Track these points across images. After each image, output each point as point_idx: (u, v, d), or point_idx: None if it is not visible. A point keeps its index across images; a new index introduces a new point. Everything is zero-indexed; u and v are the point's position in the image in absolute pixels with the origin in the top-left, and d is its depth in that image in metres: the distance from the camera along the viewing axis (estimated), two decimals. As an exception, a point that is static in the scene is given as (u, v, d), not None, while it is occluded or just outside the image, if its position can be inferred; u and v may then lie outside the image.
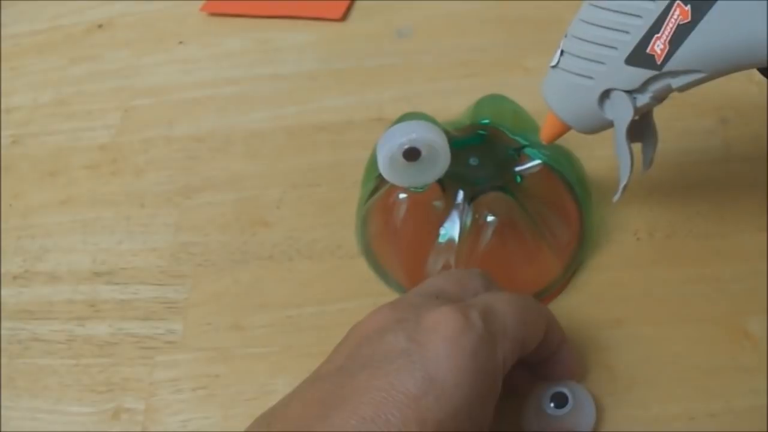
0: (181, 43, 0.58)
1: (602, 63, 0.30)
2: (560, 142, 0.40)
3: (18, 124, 0.55)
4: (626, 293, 0.39)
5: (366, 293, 0.41)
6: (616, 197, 0.34)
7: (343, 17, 0.57)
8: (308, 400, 0.28)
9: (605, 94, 0.31)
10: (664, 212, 0.42)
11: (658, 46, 0.28)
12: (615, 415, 0.35)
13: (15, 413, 0.40)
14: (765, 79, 0.31)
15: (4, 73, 0.59)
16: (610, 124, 0.32)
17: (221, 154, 0.50)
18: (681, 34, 0.27)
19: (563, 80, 0.32)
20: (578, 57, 0.31)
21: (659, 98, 0.31)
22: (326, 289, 0.42)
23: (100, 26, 0.61)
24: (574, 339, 0.37)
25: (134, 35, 0.60)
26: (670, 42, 0.28)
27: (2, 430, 0.39)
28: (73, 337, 0.42)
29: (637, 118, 0.32)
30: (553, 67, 0.32)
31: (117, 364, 0.41)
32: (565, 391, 0.33)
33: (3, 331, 0.43)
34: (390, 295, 0.39)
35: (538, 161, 0.38)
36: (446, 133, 0.35)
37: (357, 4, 0.58)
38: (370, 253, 0.41)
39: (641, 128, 0.34)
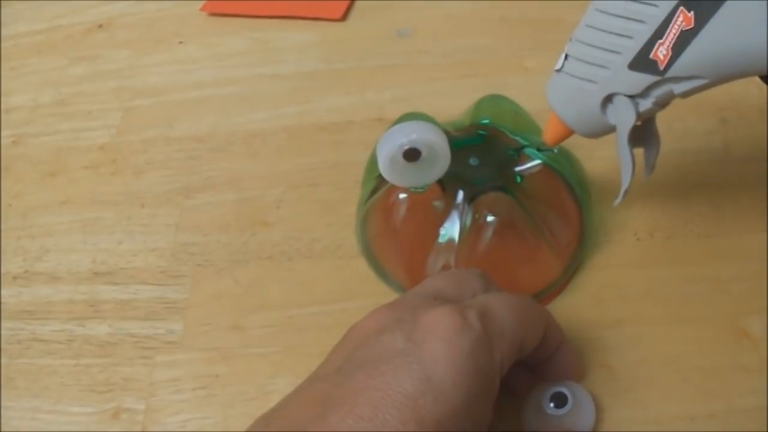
0: (181, 43, 0.58)
1: (606, 68, 0.30)
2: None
3: (18, 124, 0.55)
4: (626, 293, 0.39)
5: (366, 293, 0.41)
6: (617, 201, 0.34)
7: (343, 17, 0.57)
8: (306, 400, 0.28)
9: (608, 99, 0.31)
10: (664, 212, 0.42)
11: (661, 51, 0.28)
12: (615, 415, 0.35)
13: (15, 413, 0.39)
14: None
15: (4, 73, 0.59)
16: (612, 129, 0.32)
17: (221, 154, 0.50)
18: (684, 40, 0.28)
19: (567, 84, 0.32)
20: (582, 61, 0.31)
21: (661, 104, 0.31)
22: (326, 289, 0.42)
23: (100, 26, 0.61)
24: (573, 339, 0.37)
25: (134, 35, 0.60)
26: (673, 48, 0.28)
27: (2, 430, 0.39)
28: (73, 337, 0.42)
29: (639, 123, 0.32)
30: (558, 71, 0.33)
31: (117, 364, 0.41)
32: (565, 391, 0.33)
33: (3, 331, 0.43)
34: (390, 295, 0.39)
35: (538, 161, 0.38)
36: (446, 133, 0.35)
37: (357, 4, 0.58)
38: (370, 253, 0.41)
39: (643, 134, 0.34)
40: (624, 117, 0.31)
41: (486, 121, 0.40)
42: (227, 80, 0.55)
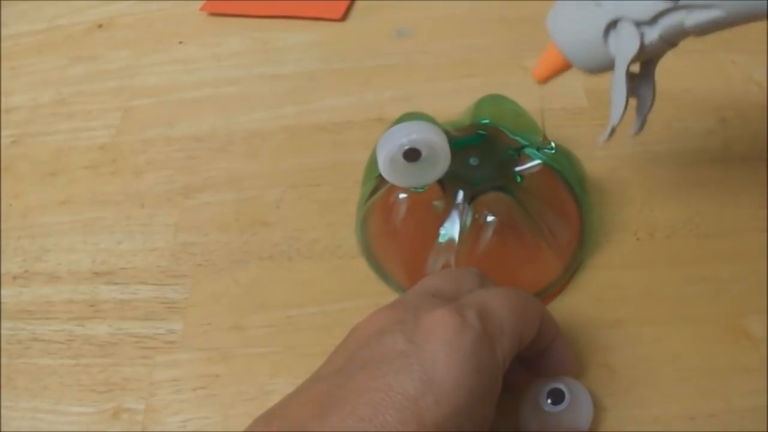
0: (181, 43, 0.58)
1: None
2: (561, 141, 0.40)
3: (18, 124, 0.55)
4: (626, 293, 0.39)
5: (366, 293, 0.41)
6: (602, 138, 0.32)
7: (343, 17, 0.57)
8: (307, 400, 0.28)
9: (612, 25, 0.30)
10: (664, 212, 0.42)
11: None
12: (615, 415, 0.35)
13: (15, 413, 0.39)
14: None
15: (4, 73, 0.59)
16: (610, 64, 0.31)
17: (221, 154, 0.50)
18: None
19: (571, 7, 0.31)
20: None
21: (668, 40, 0.29)
22: (326, 289, 0.42)
23: (100, 26, 0.61)
24: (574, 339, 0.37)
25: (134, 35, 0.60)
26: None
27: (2, 430, 0.39)
28: (73, 337, 0.42)
29: (638, 69, 0.30)
30: None
31: (117, 364, 0.41)
32: (561, 387, 0.33)
33: (3, 331, 0.43)
34: (390, 295, 0.39)
35: (538, 161, 0.38)
36: (446, 133, 0.35)
37: (357, 4, 0.58)
38: (370, 253, 0.41)
39: (640, 83, 0.33)
40: (626, 45, 0.29)
41: (486, 121, 0.40)
42: (227, 80, 0.55)
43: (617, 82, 0.31)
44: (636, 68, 0.32)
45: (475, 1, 0.56)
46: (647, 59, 0.32)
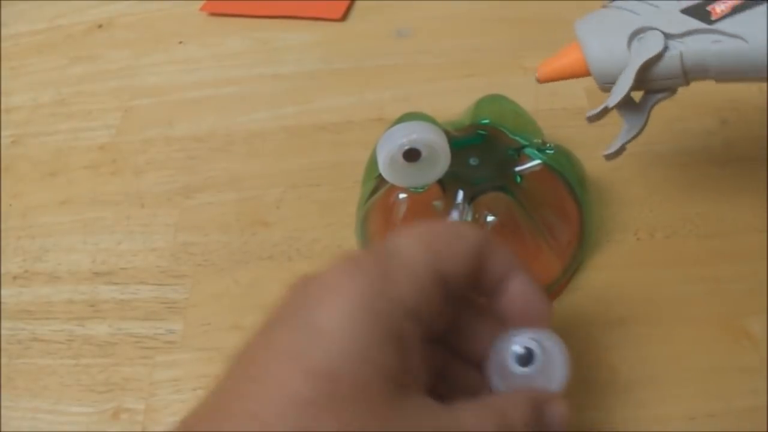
0: (181, 43, 0.58)
1: (657, 7, 0.31)
2: (561, 141, 0.40)
3: (18, 124, 0.55)
4: (626, 293, 0.39)
5: (366, 293, 0.40)
6: (591, 113, 0.32)
7: (343, 17, 0.57)
8: (220, 375, 0.27)
9: (640, 32, 0.31)
10: (664, 212, 0.42)
11: (720, 6, 0.29)
12: (615, 415, 0.35)
13: (15, 413, 0.39)
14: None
15: (4, 73, 0.59)
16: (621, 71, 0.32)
17: (221, 154, 0.50)
18: (747, 5, 0.29)
19: (606, 13, 0.32)
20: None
21: (685, 67, 0.30)
22: (326, 289, 0.42)
23: (100, 26, 0.61)
24: (574, 339, 0.37)
25: (134, 35, 0.60)
26: (733, 8, 0.29)
27: (2, 430, 0.39)
28: (73, 337, 0.42)
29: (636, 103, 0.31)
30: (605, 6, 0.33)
31: (117, 364, 0.41)
32: (529, 343, 0.28)
33: (3, 331, 0.43)
34: (390, 295, 0.39)
35: (538, 161, 0.38)
36: (446, 133, 0.35)
37: (357, 4, 0.58)
38: (370, 253, 0.40)
39: (636, 109, 0.33)
40: (649, 46, 0.30)
41: (486, 121, 0.40)
42: (227, 80, 0.55)
43: (626, 73, 0.31)
44: (637, 99, 0.33)
45: (475, 1, 0.56)
46: (651, 90, 0.33)
